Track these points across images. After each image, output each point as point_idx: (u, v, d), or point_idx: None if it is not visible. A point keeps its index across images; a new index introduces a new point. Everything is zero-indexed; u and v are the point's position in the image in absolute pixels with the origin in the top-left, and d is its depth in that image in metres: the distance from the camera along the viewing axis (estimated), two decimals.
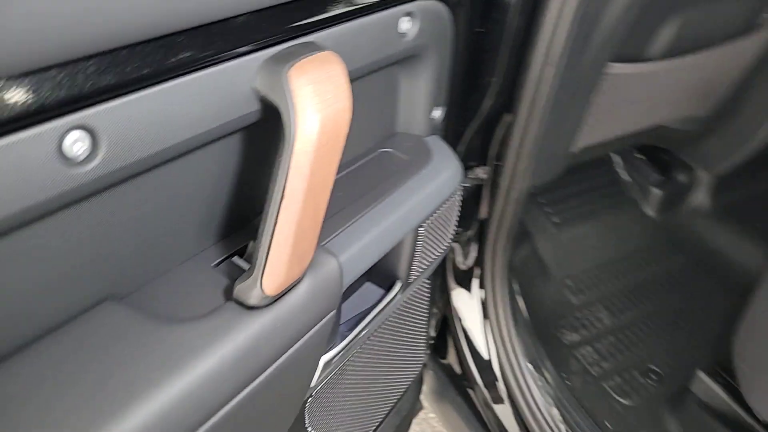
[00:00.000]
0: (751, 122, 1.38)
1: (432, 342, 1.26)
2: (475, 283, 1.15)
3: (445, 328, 1.23)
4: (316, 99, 0.40)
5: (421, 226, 0.65)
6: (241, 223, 0.56)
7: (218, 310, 0.46)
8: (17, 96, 0.33)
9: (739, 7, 1.10)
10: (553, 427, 1.09)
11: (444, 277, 1.16)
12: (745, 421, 0.97)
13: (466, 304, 1.19)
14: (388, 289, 0.67)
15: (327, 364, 0.60)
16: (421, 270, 0.71)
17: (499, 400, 1.17)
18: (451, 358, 1.26)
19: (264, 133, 0.52)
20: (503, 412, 1.17)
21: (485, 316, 1.16)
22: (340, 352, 0.62)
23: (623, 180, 1.59)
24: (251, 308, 0.47)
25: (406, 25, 0.56)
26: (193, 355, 0.43)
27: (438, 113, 0.69)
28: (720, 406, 1.03)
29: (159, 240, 0.49)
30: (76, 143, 0.36)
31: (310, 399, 0.64)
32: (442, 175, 0.65)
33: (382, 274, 0.68)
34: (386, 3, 0.53)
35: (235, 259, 0.52)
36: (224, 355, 0.44)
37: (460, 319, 1.22)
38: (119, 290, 0.47)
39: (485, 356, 1.18)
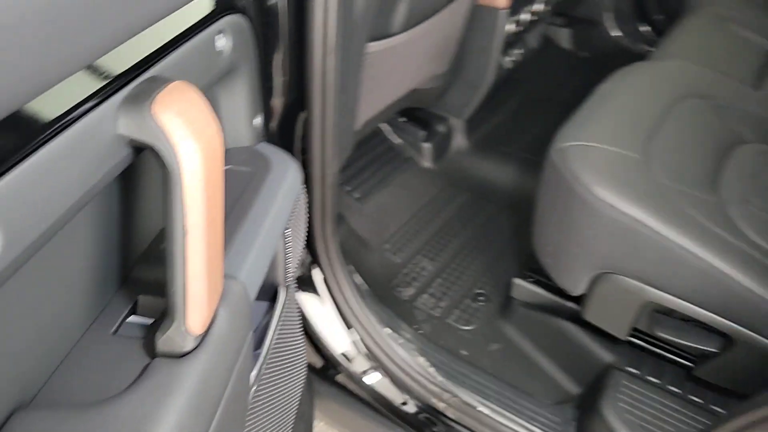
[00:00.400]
0: (476, 70, 1.66)
1: None
2: (315, 273, 1.19)
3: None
4: (190, 129, 0.40)
5: (287, 228, 0.67)
6: (122, 280, 0.51)
7: (149, 372, 0.43)
8: None
9: None
10: (425, 374, 1.21)
11: None
12: (562, 304, 1.20)
13: (313, 301, 1.23)
14: (273, 299, 0.68)
15: (251, 385, 0.59)
16: (294, 271, 0.72)
17: (369, 371, 1.24)
18: (312, 358, 1.29)
19: (131, 178, 0.48)
20: (377, 381, 1.24)
21: (334, 301, 1.21)
22: (259, 371, 0.61)
23: (396, 143, 1.76)
24: (182, 356, 0.44)
25: (221, 42, 0.57)
26: (145, 422, 0.39)
27: (258, 120, 0.71)
28: (539, 300, 1.25)
29: (50, 324, 0.43)
30: None
31: None
32: (288, 176, 0.67)
33: (262, 287, 0.68)
34: (201, 24, 0.53)
35: (132, 318, 0.48)
36: (180, 410, 0.41)
37: (309, 316, 1.26)
38: (23, 396, 0.40)
39: (343, 339, 1.24)
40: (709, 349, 0.98)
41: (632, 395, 1.11)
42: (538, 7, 1.71)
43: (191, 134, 0.40)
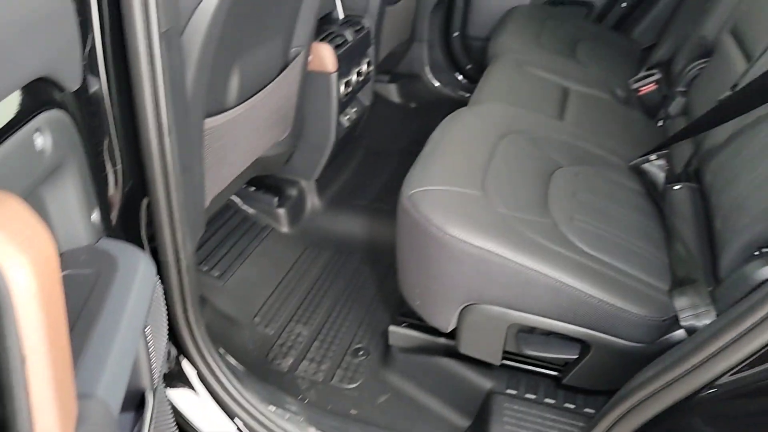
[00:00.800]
0: (318, 132, 1.71)
1: None
2: (185, 365, 1.10)
3: None
4: (14, 243, 0.36)
5: (146, 326, 0.61)
6: None
7: None
8: None
9: (276, 47, 1.34)
10: None
11: None
12: (438, 342, 1.24)
13: (187, 396, 1.14)
14: (140, 406, 0.61)
15: None
16: (160, 370, 0.66)
17: None
18: None
19: None
20: None
21: (210, 391, 1.13)
22: None
23: (250, 213, 1.73)
24: None
25: (40, 141, 0.52)
26: None
27: (96, 216, 0.65)
28: (416, 342, 1.28)
29: None
30: None
31: None
32: (138, 270, 0.62)
33: (126, 395, 0.62)
34: (14, 125, 0.48)
35: None
36: None
37: (185, 414, 1.16)
38: None
39: (227, 430, 1.16)
40: (570, 356, 1.07)
41: (515, 415, 1.17)
42: (363, 67, 1.82)
43: (16, 249, 0.36)
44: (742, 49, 1.42)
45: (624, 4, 2.32)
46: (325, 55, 1.60)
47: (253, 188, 1.74)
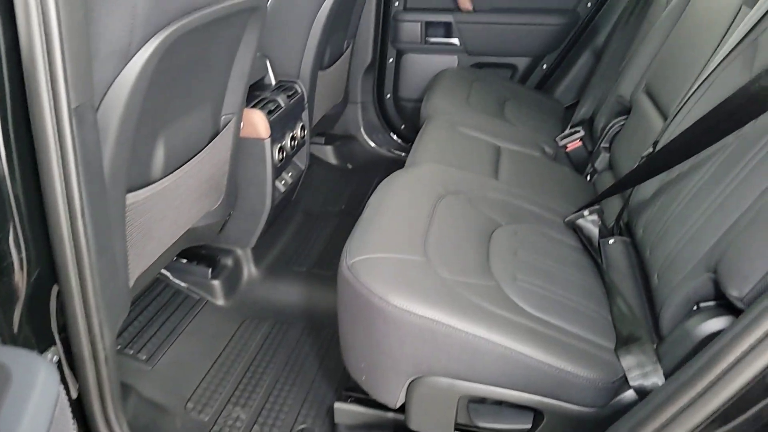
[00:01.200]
0: (253, 199, 1.66)
1: None
2: None
3: None
4: None
5: None
6: None
7: None
8: None
9: (205, 115, 1.30)
10: None
11: None
12: (386, 417, 1.17)
13: None
14: None
15: None
16: None
17: None
18: None
19: None
20: None
21: None
22: None
23: (182, 287, 1.63)
24: None
25: None
26: None
27: None
28: (364, 419, 1.20)
29: None
30: None
31: None
32: (37, 383, 0.54)
33: None
34: None
35: None
36: None
37: None
38: None
39: None
40: (524, 426, 1.03)
41: None
42: (298, 132, 1.80)
43: None
44: (657, 107, 1.50)
45: (545, 66, 2.44)
46: (258, 122, 1.57)
47: (184, 260, 1.65)
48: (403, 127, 2.63)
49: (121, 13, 0.80)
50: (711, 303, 0.93)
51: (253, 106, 1.61)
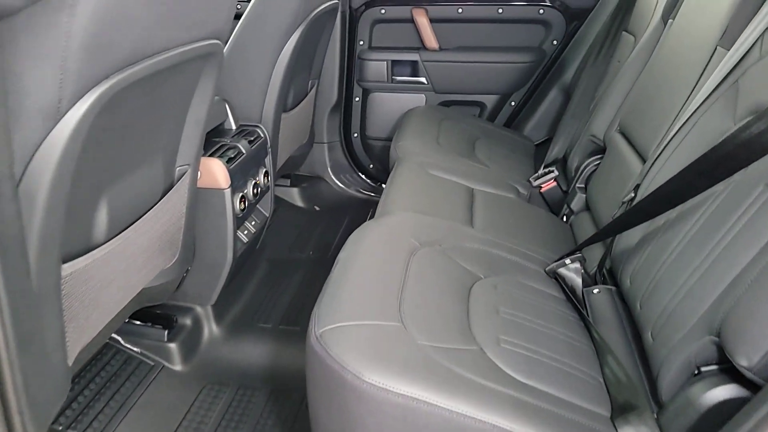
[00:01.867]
0: (213, 252, 1.54)
1: None
2: None
3: None
4: None
5: None
6: None
7: None
8: None
9: (156, 168, 1.19)
10: None
11: None
12: None
13: None
14: None
15: None
16: None
17: None
18: None
19: None
20: None
21: None
22: None
23: (134, 353, 1.49)
24: None
25: None
26: None
27: None
28: None
29: None
30: None
31: None
32: None
33: None
34: None
35: None
36: None
37: None
38: None
39: None
40: None
41: None
42: (261, 179, 1.71)
43: None
44: (634, 148, 1.46)
45: (513, 103, 2.42)
46: (216, 171, 1.47)
47: (137, 322, 1.51)
48: (371, 166, 2.56)
49: (49, 66, 0.70)
50: (714, 367, 0.85)
51: (212, 154, 1.50)
